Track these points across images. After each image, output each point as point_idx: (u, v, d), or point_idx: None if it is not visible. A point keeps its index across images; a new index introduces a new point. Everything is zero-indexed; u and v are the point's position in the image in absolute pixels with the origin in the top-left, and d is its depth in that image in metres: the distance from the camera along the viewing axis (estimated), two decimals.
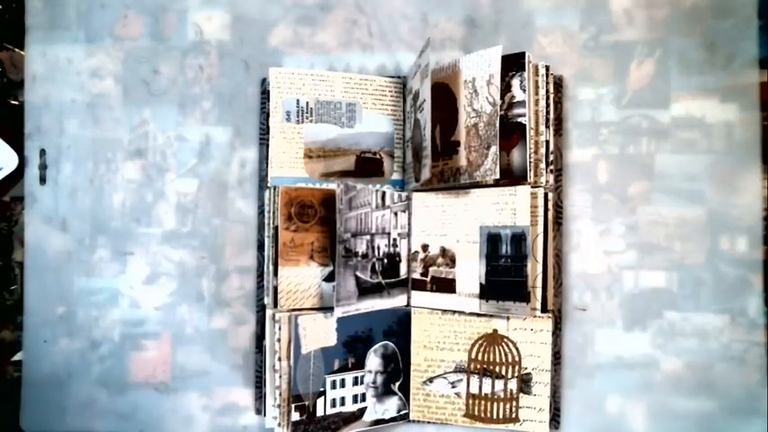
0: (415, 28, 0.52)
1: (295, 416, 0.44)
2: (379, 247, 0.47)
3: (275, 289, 0.45)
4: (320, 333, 0.45)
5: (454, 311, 0.47)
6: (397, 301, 0.48)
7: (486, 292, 0.45)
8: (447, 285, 0.47)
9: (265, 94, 0.50)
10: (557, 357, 0.48)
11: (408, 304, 0.49)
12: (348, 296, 0.44)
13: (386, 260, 0.47)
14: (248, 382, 0.51)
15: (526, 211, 0.44)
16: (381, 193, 0.47)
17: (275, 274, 0.45)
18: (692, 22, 0.49)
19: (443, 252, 0.47)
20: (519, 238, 0.44)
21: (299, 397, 0.45)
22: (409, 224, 0.49)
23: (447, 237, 0.47)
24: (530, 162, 0.44)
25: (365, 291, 0.46)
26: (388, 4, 0.52)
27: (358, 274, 0.45)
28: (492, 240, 0.45)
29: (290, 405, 0.44)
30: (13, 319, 0.52)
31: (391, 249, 0.48)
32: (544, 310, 0.45)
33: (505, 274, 0.45)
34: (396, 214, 0.48)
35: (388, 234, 0.48)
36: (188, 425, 0.51)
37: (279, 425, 0.44)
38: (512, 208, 0.45)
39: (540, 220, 0.45)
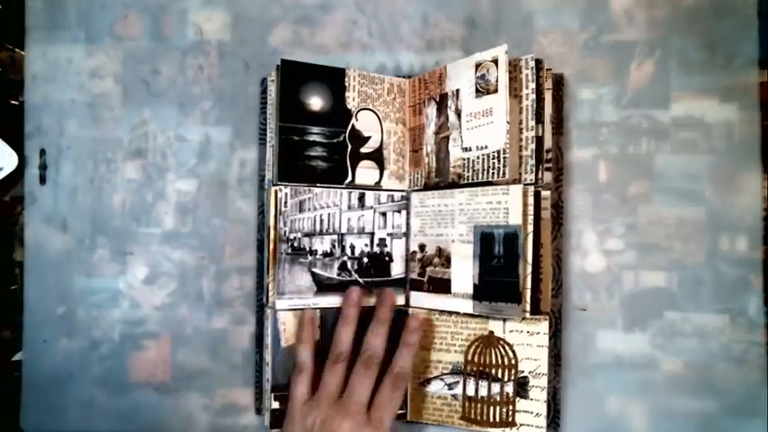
0: (415, 28, 0.52)
1: (275, 404, 0.45)
2: (353, 246, 0.48)
3: (267, 287, 0.46)
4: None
5: (450, 312, 0.47)
6: None
7: (480, 293, 0.45)
8: (443, 285, 0.47)
9: (265, 95, 0.50)
10: (557, 358, 0.48)
11: (408, 304, 0.49)
12: (299, 290, 0.46)
13: (366, 260, 0.48)
14: (248, 382, 0.51)
15: (518, 210, 0.43)
16: (359, 194, 0.48)
17: (268, 272, 0.46)
18: (692, 22, 0.49)
19: (439, 252, 0.47)
20: (511, 238, 0.44)
21: (279, 387, 0.46)
22: (407, 224, 0.49)
23: (443, 236, 0.47)
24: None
25: (328, 287, 0.47)
26: (388, 4, 0.52)
27: (316, 270, 0.47)
28: (485, 240, 0.45)
29: (271, 394, 0.46)
30: (13, 319, 0.52)
31: (376, 249, 0.48)
32: (535, 312, 0.44)
33: (498, 275, 0.44)
34: (384, 214, 0.48)
35: (371, 234, 0.48)
36: (188, 425, 0.51)
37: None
38: (504, 207, 0.44)
39: (531, 218, 0.44)
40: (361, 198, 0.48)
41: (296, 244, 0.46)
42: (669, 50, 0.50)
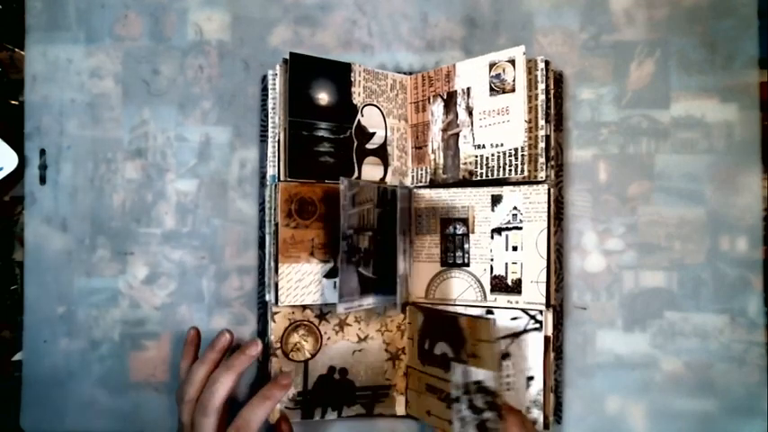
0: (415, 28, 0.52)
1: None
2: None
3: (276, 285, 0.45)
4: None
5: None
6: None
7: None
8: None
9: (265, 91, 0.50)
10: (558, 353, 0.48)
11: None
12: (351, 292, 0.44)
13: None
14: (248, 382, 0.50)
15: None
16: (382, 188, 0.47)
17: (276, 270, 0.45)
18: (692, 22, 0.50)
19: None
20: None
21: None
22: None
23: None
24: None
25: (365, 287, 0.45)
26: (388, 4, 0.52)
27: (361, 270, 0.45)
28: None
29: None
30: (13, 319, 0.52)
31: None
32: (548, 304, 0.45)
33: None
34: None
35: None
36: None
37: None
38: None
39: (544, 215, 0.45)
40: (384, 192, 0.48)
41: (350, 241, 0.44)
42: (669, 50, 0.50)
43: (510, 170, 0.45)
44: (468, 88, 0.47)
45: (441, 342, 0.45)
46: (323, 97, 0.47)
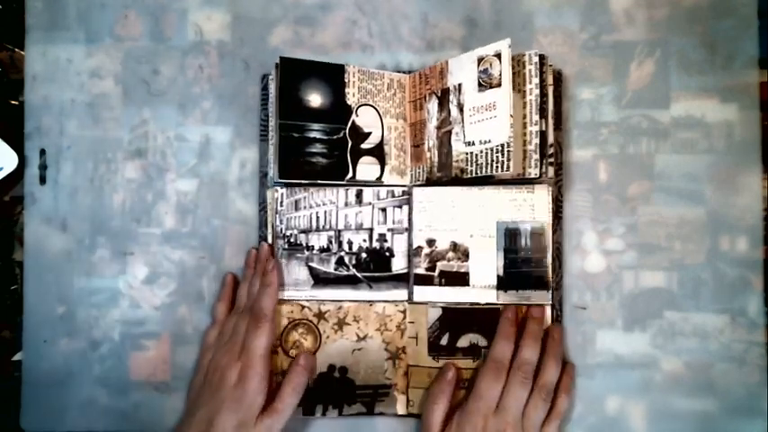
0: (415, 28, 0.52)
1: None
2: (350, 242, 0.48)
3: None
4: None
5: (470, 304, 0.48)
6: (389, 295, 0.49)
7: (505, 283, 0.47)
8: (459, 279, 0.48)
9: (266, 91, 0.50)
10: None
11: (410, 300, 0.49)
12: (296, 283, 0.48)
13: (364, 255, 0.48)
14: None
15: (545, 208, 0.47)
16: (357, 191, 0.48)
17: None
18: (692, 22, 0.50)
19: (454, 246, 0.48)
20: (539, 233, 0.47)
21: None
22: (410, 219, 0.49)
23: (458, 231, 0.48)
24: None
25: (326, 281, 0.48)
26: (388, 4, 0.52)
27: (313, 265, 0.48)
28: (510, 235, 0.47)
29: None
30: (13, 319, 0.52)
31: (376, 245, 0.48)
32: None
33: (525, 266, 0.47)
34: (384, 210, 0.49)
35: (370, 230, 0.48)
36: None
37: None
38: (530, 204, 0.47)
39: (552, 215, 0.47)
40: (359, 195, 0.49)
41: (292, 240, 0.48)
42: (669, 50, 0.50)
43: (497, 167, 0.44)
44: (460, 84, 0.46)
45: (468, 334, 0.48)
46: (315, 99, 0.47)
